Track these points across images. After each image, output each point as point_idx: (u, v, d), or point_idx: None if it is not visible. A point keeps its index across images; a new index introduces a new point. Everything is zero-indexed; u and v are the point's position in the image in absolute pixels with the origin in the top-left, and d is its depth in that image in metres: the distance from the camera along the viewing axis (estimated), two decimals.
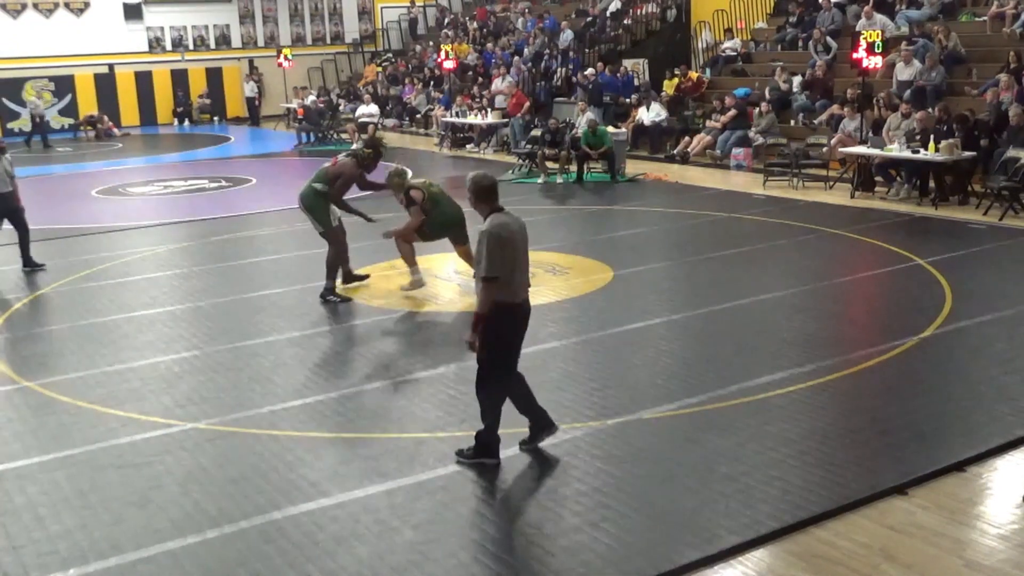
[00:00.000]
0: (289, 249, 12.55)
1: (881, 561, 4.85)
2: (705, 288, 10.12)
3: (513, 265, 5.72)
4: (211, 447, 6.45)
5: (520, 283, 5.82)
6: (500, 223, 5.71)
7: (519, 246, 5.79)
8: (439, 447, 6.28)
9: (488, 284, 5.66)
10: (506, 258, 5.66)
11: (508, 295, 5.72)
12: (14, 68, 28.81)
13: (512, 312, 5.78)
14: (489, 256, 5.62)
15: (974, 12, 18.83)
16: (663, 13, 24.85)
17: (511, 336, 5.86)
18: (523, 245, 5.86)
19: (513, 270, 5.72)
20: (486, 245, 5.63)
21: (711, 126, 19.03)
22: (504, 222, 5.74)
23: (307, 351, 8.41)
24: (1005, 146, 13.59)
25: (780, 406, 6.79)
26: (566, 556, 4.94)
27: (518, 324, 5.88)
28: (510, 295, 5.73)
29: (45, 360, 8.38)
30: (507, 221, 5.76)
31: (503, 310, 5.73)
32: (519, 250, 5.79)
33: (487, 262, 5.63)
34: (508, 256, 5.67)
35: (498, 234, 5.66)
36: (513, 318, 5.81)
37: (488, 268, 5.63)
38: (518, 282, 5.79)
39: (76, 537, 5.32)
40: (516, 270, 5.75)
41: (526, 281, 5.92)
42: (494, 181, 5.92)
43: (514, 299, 5.77)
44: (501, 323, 5.74)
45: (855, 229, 12.47)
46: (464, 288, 10.19)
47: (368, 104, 25.55)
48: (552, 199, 15.97)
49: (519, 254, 5.79)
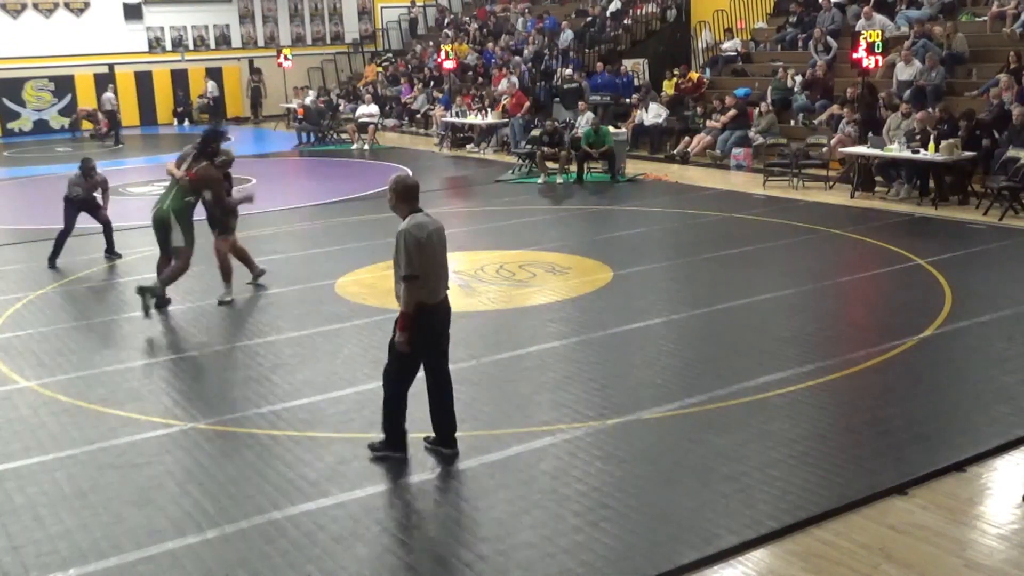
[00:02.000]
0: (289, 249, 12.55)
1: (881, 561, 4.85)
2: (705, 288, 10.12)
3: (431, 265, 5.83)
4: (211, 447, 6.45)
5: (438, 283, 5.94)
6: (416, 223, 5.82)
7: (436, 247, 5.89)
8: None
9: (409, 283, 5.77)
10: (424, 258, 5.77)
11: (426, 295, 5.83)
12: (14, 68, 28.80)
13: (430, 312, 5.88)
14: (407, 255, 5.75)
15: (974, 12, 18.83)
16: (663, 13, 24.86)
17: (426, 335, 5.91)
18: (440, 246, 5.95)
19: (430, 270, 5.83)
20: (403, 245, 5.76)
21: (711, 126, 19.03)
22: (420, 223, 5.84)
23: (307, 351, 8.41)
24: (1005, 146, 13.60)
25: (780, 406, 6.79)
26: (566, 556, 4.95)
27: (436, 324, 5.97)
28: (428, 295, 5.84)
29: (45, 360, 8.38)
30: (424, 222, 5.87)
31: (420, 310, 5.83)
32: (436, 251, 5.89)
33: (406, 261, 5.75)
34: (426, 256, 5.79)
35: (415, 234, 5.76)
36: (431, 318, 5.90)
37: (407, 267, 5.75)
38: (436, 282, 5.90)
39: (76, 537, 5.32)
40: (433, 270, 5.87)
41: (445, 282, 6.02)
42: (416, 183, 6.04)
43: (432, 299, 5.88)
44: (413, 323, 5.83)
45: (855, 229, 12.47)
46: (464, 288, 10.19)
47: (368, 104, 25.55)
48: (552, 199, 15.98)
49: (436, 255, 5.90)
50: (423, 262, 5.78)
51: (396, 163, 20.73)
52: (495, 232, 13.26)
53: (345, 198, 16.44)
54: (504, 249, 12.03)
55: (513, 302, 9.77)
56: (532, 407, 6.98)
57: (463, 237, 13.15)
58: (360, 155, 22.78)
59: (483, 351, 8.21)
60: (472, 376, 7.57)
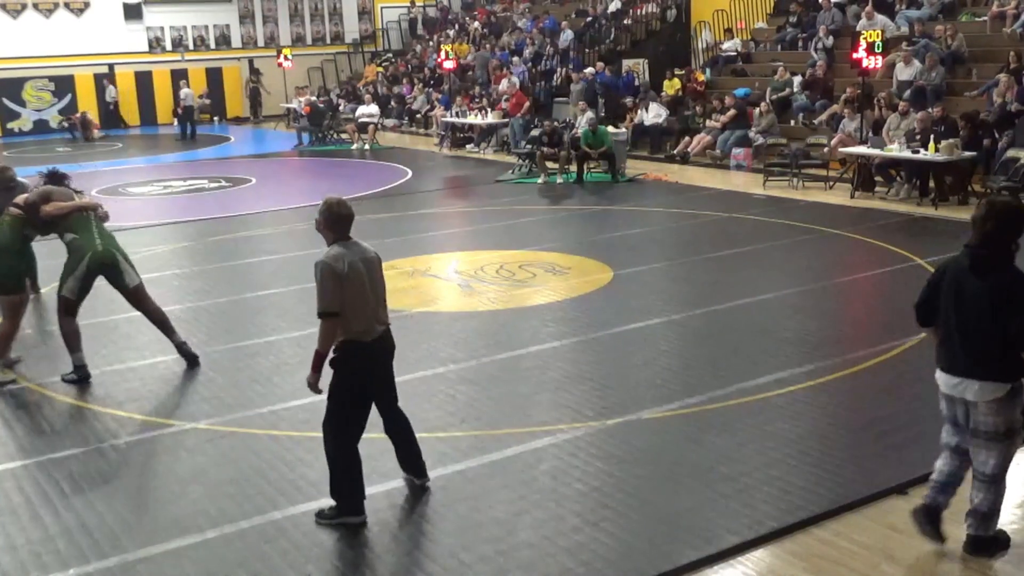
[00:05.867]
0: (289, 249, 12.54)
1: (881, 561, 4.85)
2: (705, 288, 10.11)
3: (358, 301, 5.16)
4: (211, 447, 6.45)
5: (371, 319, 5.24)
6: (335, 255, 5.14)
7: (364, 280, 5.19)
8: (438, 447, 6.27)
9: (323, 320, 5.16)
10: (349, 293, 5.13)
11: (356, 334, 5.19)
12: (14, 68, 28.81)
13: (365, 351, 5.24)
14: (320, 289, 5.12)
15: (974, 12, 18.83)
16: (663, 13, 24.86)
17: (360, 379, 5.29)
18: (370, 279, 5.24)
19: (358, 306, 5.16)
20: (319, 278, 5.13)
21: (711, 126, 19.03)
22: (339, 254, 5.14)
23: (307, 351, 8.32)
24: (1006, 146, 13.60)
25: (780, 406, 6.79)
26: (566, 556, 4.94)
27: (374, 363, 5.34)
28: (358, 333, 5.19)
29: (45, 360, 8.37)
30: (342, 253, 5.15)
31: (350, 350, 5.21)
32: (365, 284, 5.20)
33: (319, 296, 5.12)
34: (352, 291, 5.13)
35: (331, 266, 5.10)
36: (366, 358, 5.27)
37: (319, 302, 5.13)
38: (367, 319, 5.22)
39: (76, 537, 5.32)
40: (362, 306, 5.18)
41: (382, 316, 5.34)
42: (350, 212, 5.34)
43: (363, 338, 5.21)
44: (346, 364, 5.22)
45: (855, 229, 12.47)
46: (464, 288, 10.19)
47: (368, 104, 25.55)
48: (552, 199, 15.98)
49: (365, 288, 5.20)
50: (346, 297, 5.11)
51: (396, 163, 20.76)
52: (495, 232, 13.26)
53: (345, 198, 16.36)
54: (504, 249, 12.02)
55: (513, 302, 9.77)
56: (532, 407, 6.98)
57: (463, 237, 13.15)
58: (360, 155, 22.78)
59: (483, 351, 8.21)
60: (472, 376, 7.57)
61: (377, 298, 5.32)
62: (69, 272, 7.80)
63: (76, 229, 7.86)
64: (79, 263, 7.77)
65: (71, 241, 7.88)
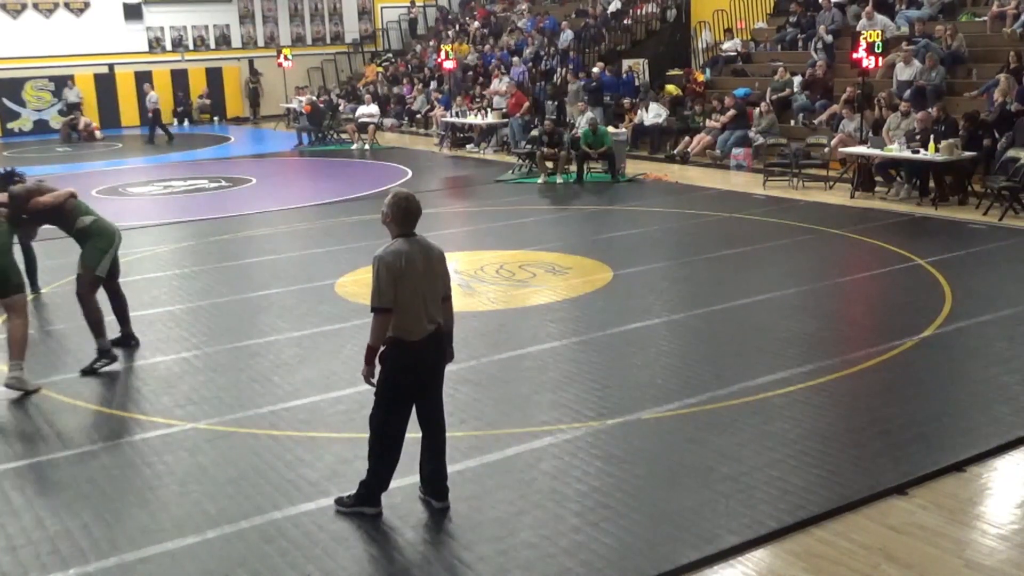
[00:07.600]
0: (289, 249, 12.55)
1: (881, 561, 4.85)
2: (705, 288, 10.11)
3: (409, 299, 5.11)
4: (211, 447, 6.45)
5: (418, 319, 5.17)
6: (394, 250, 5.11)
7: (419, 278, 5.15)
8: None
9: (376, 316, 5.14)
10: (401, 290, 5.09)
11: (402, 332, 5.15)
12: (14, 68, 28.81)
13: (408, 350, 5.18)
14: (375, 285, 5.11)
15: (974, 12, 18.83)
16: (663, 13, 24.87)
17: (402, 377, 5.23)
18: (426, 276, 5.19)
19: (408, 304, 5.12)
20: (375, 273, 5.11)
21: (711, 126, 19.04)
22: (399, 250, 5.11)
23: (307, 351, 8.41)
24: (1005, 145, 13.60)
25: (780, 406, 6.79)
26: (566, 556, 4.94)
27: (418, 364, 5.25)
28: (404, 332, 5.15)
29: (45, 360, 8.37)
30: (404, 249, 5.12)
31: (394, 347, 5.19)
32: (419, 282, 5.15)
33: (374, 291, 5.12)
34: (404, 288, 5.09)
35: (388, 262, 5.07)
36: (410, 357, 5.21)
37: (374, 298, 5.12)
38: (415, 318, 5.16)
39: (76, 537, 5.31)
40: (413, 304, 5.14)
41: (432, 315, 5.24)
42: (418, 207, 5.25)
43: (408, 336, 5.16)
44: (390, 360, 5.21)
45: (855, 229, 12.47)
46: (464, 288, 10.19)
47: (368, 104, 25.56)
48: (552, 199, 15.98)
49: (419, 287, 5.15)
50: (398, 294, 5.09)
51: (396, 163, 20.76)
52: (495, 232, 13.26)
53: (345, 198, 16.44)
54: (504, 249, 12.02)
55: (513, 302, 9.77)
56: (532, 407, 6.97)
57: (463, 237, 13.15)
58: (360, 155, 22.79)
59: (483, 351, 8.21)
60: (472, 376, 7.57)
61: (433, 296, 5.25)
62: (102, 252, 8.13)
63: (88, 212, 8.20)
64: (111, 243, 8.18)
65: (92, 223, 8.17)
